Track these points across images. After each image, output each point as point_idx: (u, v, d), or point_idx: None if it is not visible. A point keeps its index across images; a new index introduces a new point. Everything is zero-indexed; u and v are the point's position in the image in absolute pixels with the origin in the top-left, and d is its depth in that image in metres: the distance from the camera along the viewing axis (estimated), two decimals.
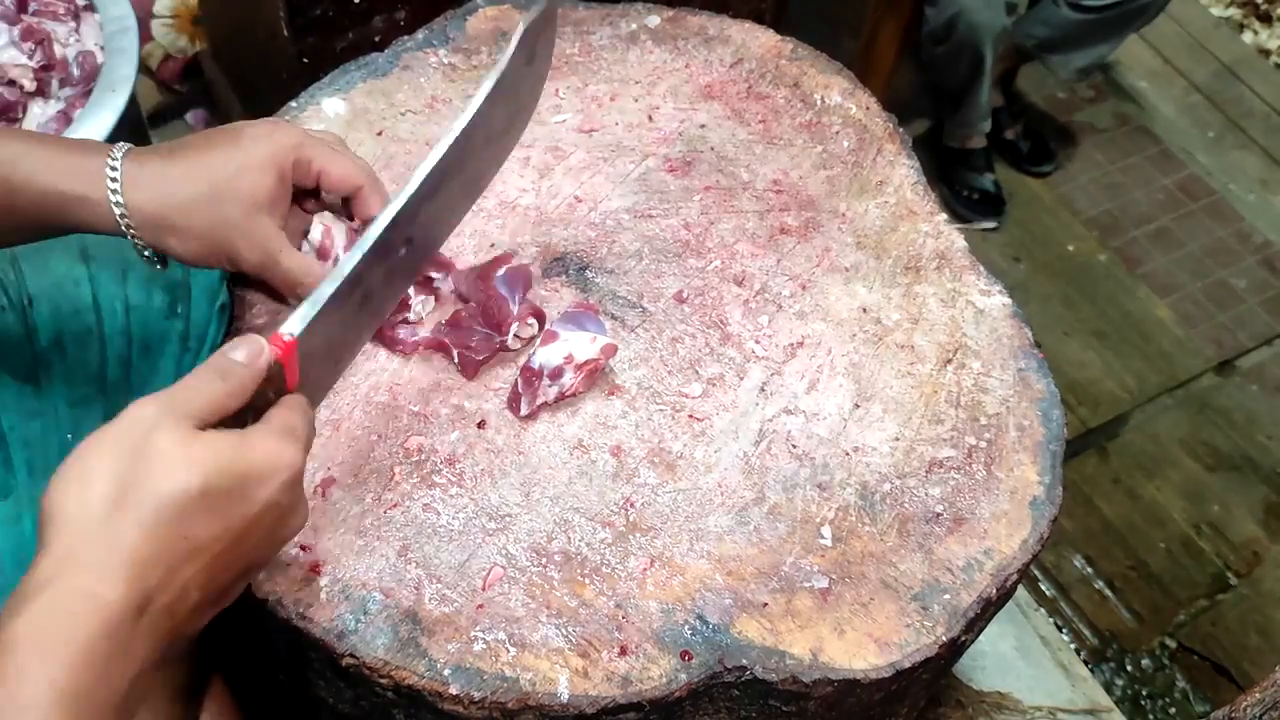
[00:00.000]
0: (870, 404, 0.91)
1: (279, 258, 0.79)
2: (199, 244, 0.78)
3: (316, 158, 0.80)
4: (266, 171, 0.78)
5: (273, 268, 0.80)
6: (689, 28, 1.17)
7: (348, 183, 0.82)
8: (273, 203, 0.79)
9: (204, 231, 0.77)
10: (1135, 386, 2.25)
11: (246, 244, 0.78)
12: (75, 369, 0.90)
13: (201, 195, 0.76)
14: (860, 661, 0.77)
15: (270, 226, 0.79)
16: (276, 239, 0.79)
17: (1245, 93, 2.85)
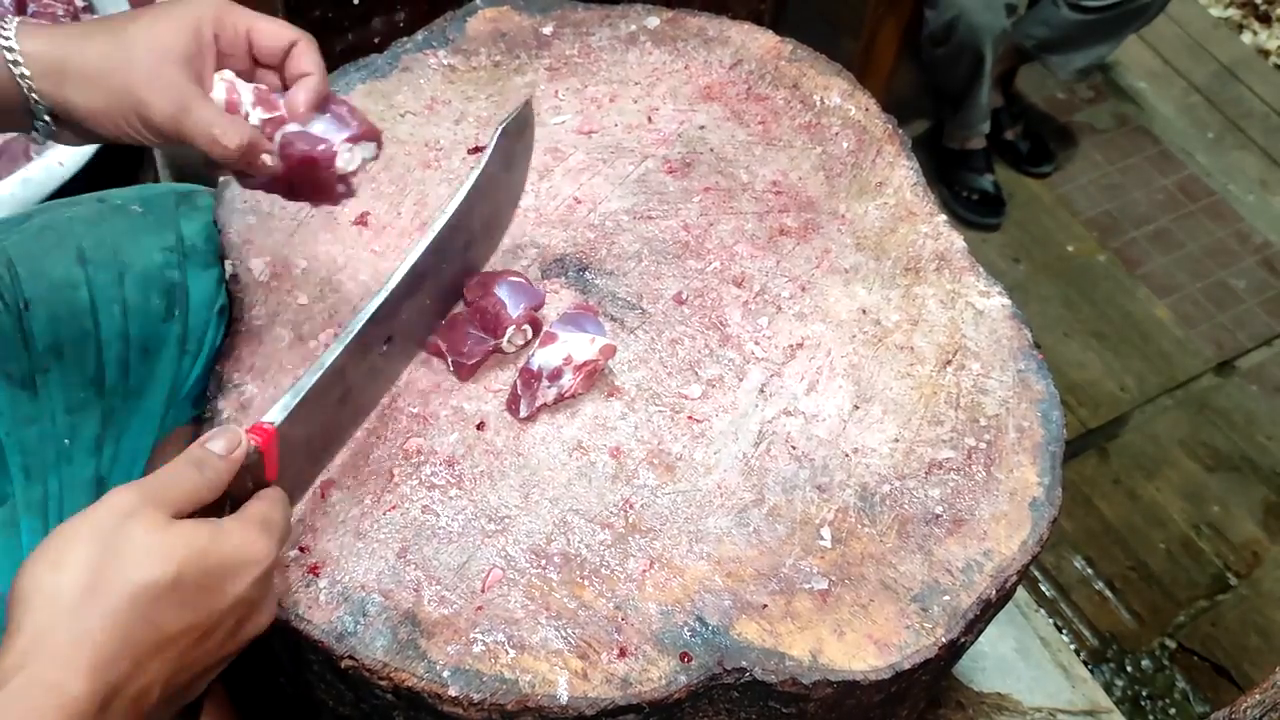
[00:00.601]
0: (870, 405, 0.91)
1: (191, 106, 0.72)
2: (103, 95, 0.70)
3: (242, 17, 0.76)
4: (183, 26, 0.73)
5: (184, 117, 0.72)
6: (688, 29, 1.17)
7: (281, 39, 0.77)
8: (185, 56, 0.73)
9: (107, 78, 0.70)
10: (1135, 387, 2.25)
11: (155, 91, 0.71)
12: (72, 373, 0.90)
13: (105, 39, 0.71)
14: (860, 663, 0.77)
15: (181, 77, 0.72)
16: (189, 89, 0.72)
17: (1244, 93, 2.85)
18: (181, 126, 0.72)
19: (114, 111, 0.72)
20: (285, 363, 0.89)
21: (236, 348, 0.90)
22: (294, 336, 0.91)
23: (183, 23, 0.73)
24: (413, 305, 0.83)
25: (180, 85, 0.72)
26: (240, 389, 0.88)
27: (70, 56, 0.70)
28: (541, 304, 0.91)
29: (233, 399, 0.87)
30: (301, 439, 0.72)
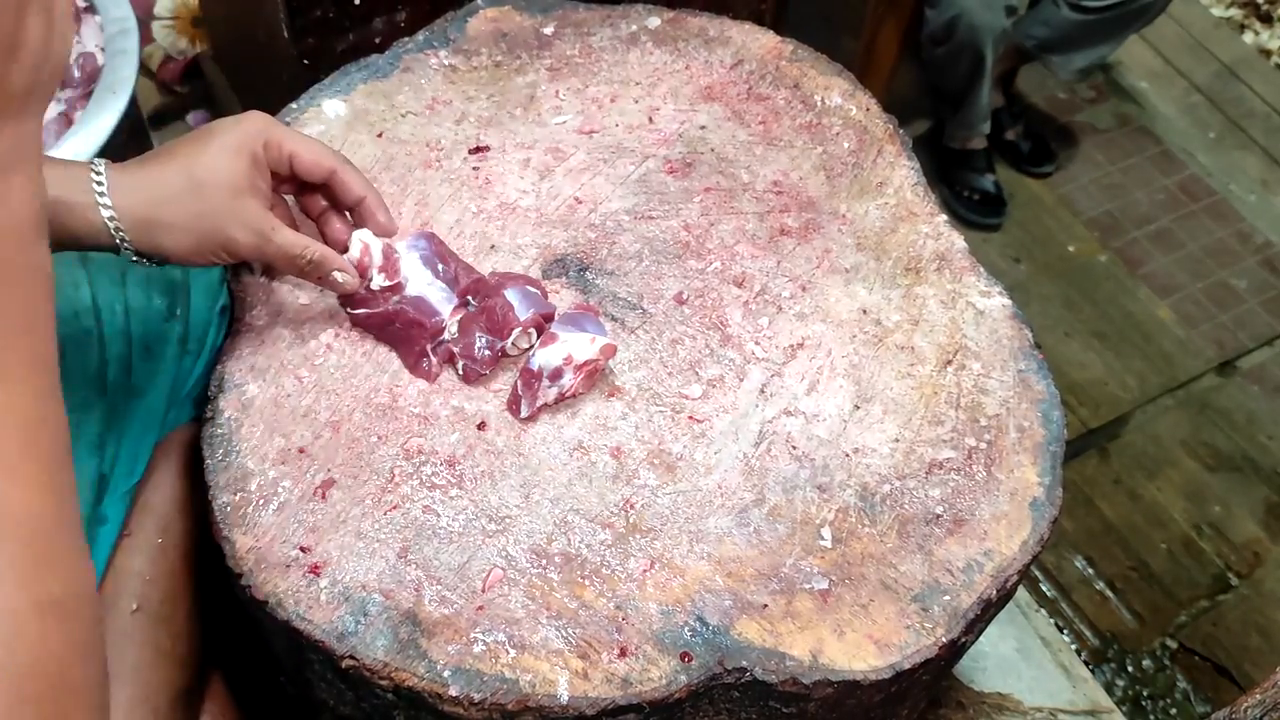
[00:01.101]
0: (870, 405, 0.91)
1: (271, 235, 0.81)
2: (190, 237, 0.79)
3: (285, 140, 0.82)
4: (239, 155, 0.79)
5: (266, 245, 0.81)
6: (689, 29, 1.17)
7: (320, 165, 0.84)
8: (252, 185, 0.80)
9: (192, 223, 0.78)
10: (1136, 387, 2.25)
11: (237, 227, 0.79)
12: (75, 372, 0.90)
13: (183, 189, 0.78)
14: (860, 663, 0.77)
15: (256, 207, 0.80)
16: (265, 218, 0.81)
17: (1246, 93, 2.84)
18: (264, 253, 0.82)
19: (204, 250, 0.80)
20: (286, 362, 0.89)
21: (238, 347, 0.90)
22: (295, 336, 0.91)
23: (241, 153, 0.80)
24: None
25: (257, 217, 0.80)
26: (242, 388, 0.88)
27: (160, 212, 0.78)
28: (553, 316, 0.90)
29: (234, 398, 0.87)
30: None
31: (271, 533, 0.80)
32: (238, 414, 0.87)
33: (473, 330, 0.89)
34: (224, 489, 0.83)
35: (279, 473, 0.83)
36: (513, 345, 0.88)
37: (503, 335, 0.88)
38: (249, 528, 0.80)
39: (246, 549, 0.79)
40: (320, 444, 0.85)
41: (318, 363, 0.90)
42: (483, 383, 0.89)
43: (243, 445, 0.85)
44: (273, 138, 0.82)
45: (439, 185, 1.02)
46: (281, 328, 0.91)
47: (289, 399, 0.87)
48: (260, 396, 0.88)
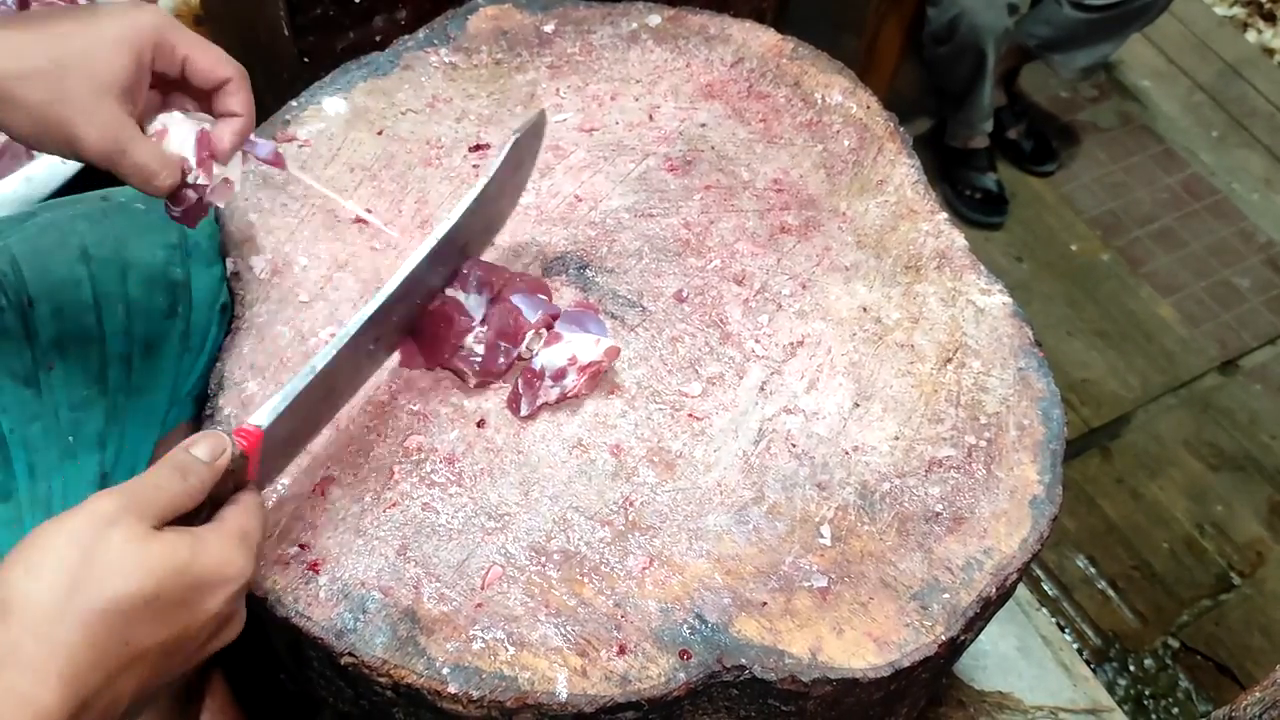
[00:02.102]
0: (870, 403, 0.91)
1: (128, 146, 0.72)
2: (33, 121, 0.70)
3: (181, 42, 0.74)
4: (121, 51, 0.71)
5: (119, 157, 0.72)
6: (690, 27, 1.17)
7: (215, 73, 0.76)
8: (125, 87, 0.71)
9: (40, 107, 0.69)
10: (1138, 386, 2.25)
11: (90, 128, 0.70)
12: (76, 370, 0.90)
13: (41, 67, 0.68)
14: (859, 661, 0.77)
15: (119, 112, 0.71)
16: (125, 126, 0.72)
17: (1249, 92, 2.84)
18: (115, 164, 0.72)
19: (47, 139, 0.71)
20: (287, 360, 0.89)
21: (238, 345, 0.91)
22: (295, 334, 0.91)
23: (122, 47, 0.71)
24: (404, 305, 0.83)
25: (116, 122, 0.71)
26: (242, 386, 0.88)
27: (7, 85, 0.68)
28: (558, 316, 0.90)
29: (234, 396, 0.87)
30: (283, 434, 0.72)
31: (271, 530, 0.80)
32: (238, 411, 0.87)
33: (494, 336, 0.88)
34: None
35: None
36: (526, 349, 0.88)
37: (515, 341, 0.87)
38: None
39: None
40: (319, 442, 0.85)
41: None
42: None
43: None
44: (167, 39, 0.73)
45: (439, 183, 1.02)
46: (281, 326, 0.91)
47: None
48: (260, 394, 0.88)
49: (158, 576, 0.55)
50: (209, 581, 0.58)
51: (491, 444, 0.86)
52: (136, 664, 0.55)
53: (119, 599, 0.53)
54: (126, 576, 0.54)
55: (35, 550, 0.54)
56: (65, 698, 0.51)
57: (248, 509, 0.63)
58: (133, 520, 0.55)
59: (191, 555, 0.57)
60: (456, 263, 0.90)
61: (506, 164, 0.86)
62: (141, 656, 0.55)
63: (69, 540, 0.54)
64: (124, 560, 0.54)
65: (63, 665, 0.51)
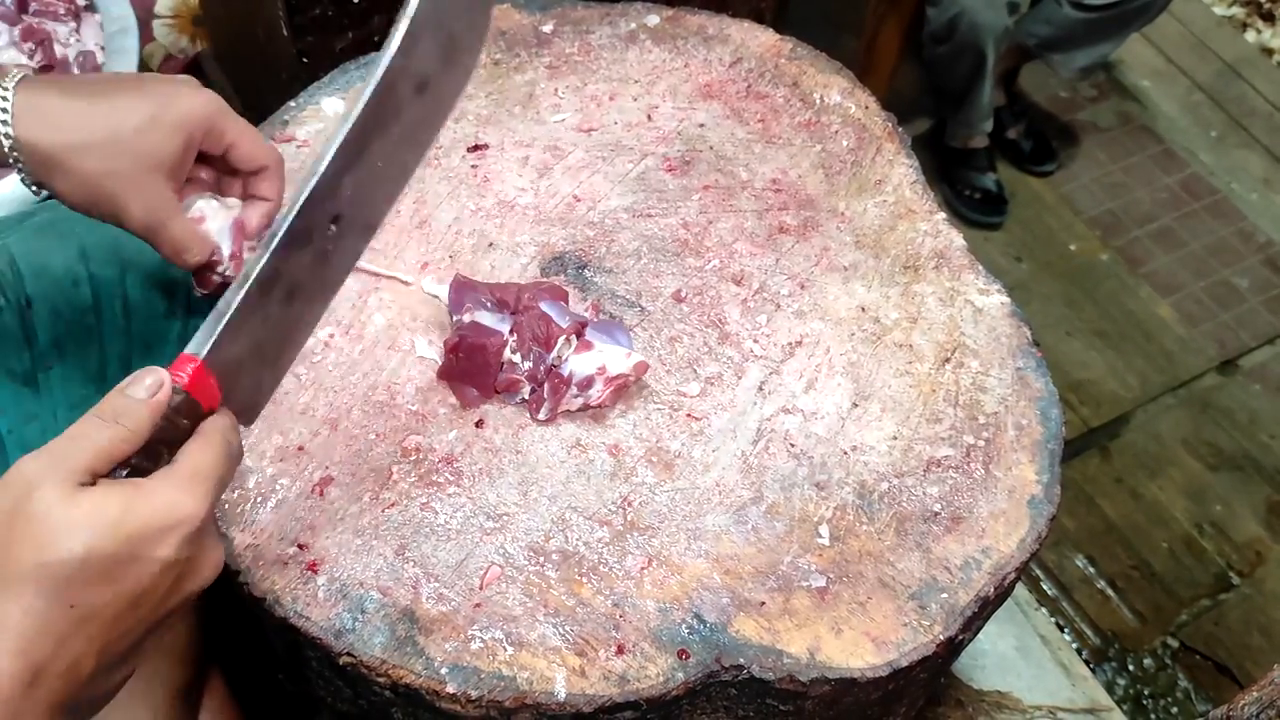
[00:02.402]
0: (868, 403, 0.91)
1: (168, 223, 0.75)
2: (84, 191, 0.73)
3: (231, 130, 0.77)
4: (176, 133, 0.74)
5: (158, 232, 0.75)
6: (688, 27, 1.17)
7: (256, 160, 0.80)
8: (174, 166, 0.75)
9: (93, 179, 0.72)
10: (1137, 386, 2.25)
11: (136, 202, 0.73)
12: (74, 370, 0.90)
13: (99, 141, 0.71)
14: (858, 660, 0.77)
15: (165, 189, 0.74)
16: (169, 203, 0.75)
17: (1248, 92, 2.84)
18: (154, 237, 0.76)
19: (91, 206, 0.74)
20: None
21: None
22: None
23: (178, 130, 0.74)
24: (361, 174, 0.72)
25: (160, 199, 0.74)
26: None
27: (64, 155, 0.71)
28: (586, 323, 0.89)
29: None
30: (246, 353, 0.66)
31: (269, 530, 0.80)
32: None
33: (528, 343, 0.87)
34: None
35: (277, 470, 0.83)
36: (557, 355, 0.87)
37: (548, 348, 0.86)
38: (247, 525, 0.80)
39: (244, 546, 0.79)
40: (318, 442, 0.85)
41: (316, 360, 0.90)
42: None
43: None
44: (218, 126, 0.76)
45: (437, 183, 1.02)
46: None
47: (287, 396, 0.87)
48: None
49: (87, 535, 0.53)
50: (152, 531, 0.55)
51: (490, 444, 0.86)
52: (87, 625, 0.54)
53: (49, 564, 0.52)
54: (54, 540, 0.52)
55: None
56: (16, 665, 0.51)
57: (207, 443, 0.60)
58: (56, 480, 0.54)
59: (123, 508, 0.54)
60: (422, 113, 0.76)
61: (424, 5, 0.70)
62: (91, 617, 0.54)
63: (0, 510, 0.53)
64: (50, 523, 0.52)
65: (8, 635, 0.51)
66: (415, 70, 0.73)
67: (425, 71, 0.74)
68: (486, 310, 0.88)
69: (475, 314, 0.87)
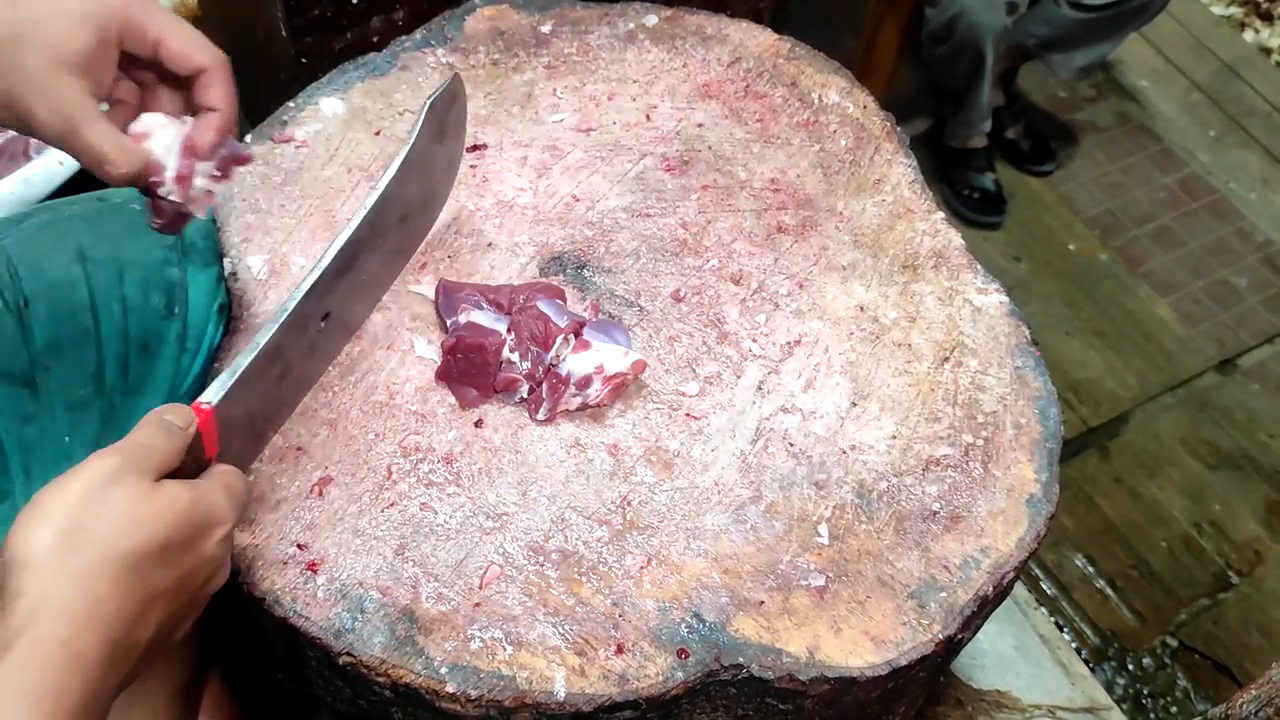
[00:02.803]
0: (867, 402, 0.91)
1: (80, 127, 0.67)
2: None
3: (153, 23, 0.70)
4: (84, 24, 0.67)
5: (71, 137, 0.67)
6: (687, 27, 1.17)
7: (191, 60, 0.72)
8: (86, 63, 0.67)
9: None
10: (1136, 385, 2.25)
11: (43, 104, 0.66)
12: (72, 371, 0.90)
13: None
14: (857, 659, 0.77)
15: (76, 89, 0.67)
16: (82, 105, 0.67)
17: (1246, 91, 2.84)
18: (69, 144, 0.68)
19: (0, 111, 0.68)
20: None
21: (236, 345, 0.91)
22: None
23: (86, 21, 0.67)
24: (350, 281, 0.84)
25: (71, 100, 0.67)
26: None
27: None
28: (584, 323, 0.89)
29: None
30: (242, 417, 0.74)
31: (269, 530, 0.80)
32: None
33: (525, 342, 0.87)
34: None
35: (276, 470, 0.83)
36: (555, 355, 0.87)
37: (546, 346, 0.87)
38: (246, 525, 0.80)
39: (244, 546, 0.79)
40: (317, 442, 0.85)
41: None
42: None
43: None
44: (136, 17, 0.69)
45: None
46: None
47: None
48: None
49: (166, 523, 0.60)
50: (206, 524, 0.63)
51: (489, 444, 0.86)
52: (154, 606, 0.60)
53: (137, 548, 0.58)
54: (140, 528, 0.59)
55: (47, 510, 0.58)
56: (100, 641, 0.56)
57: (229, 471, 0.69)
58: (134, 476, 0.60)
59: (191, 502, 0.62)
60: (402, 241, 0.92)
61: (425, 131, 0.86)
62: (157, 598, 0.60)
63: (79, 498, 0.58)
64: (135, 512, 0.59)
65: (94, 613, 0.56)
66: (401, 203, 0.87)
67: (408, 206, 0.89)
68: (483, 310, 0.88)
69: (472, 314, 0.87)
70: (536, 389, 0.87)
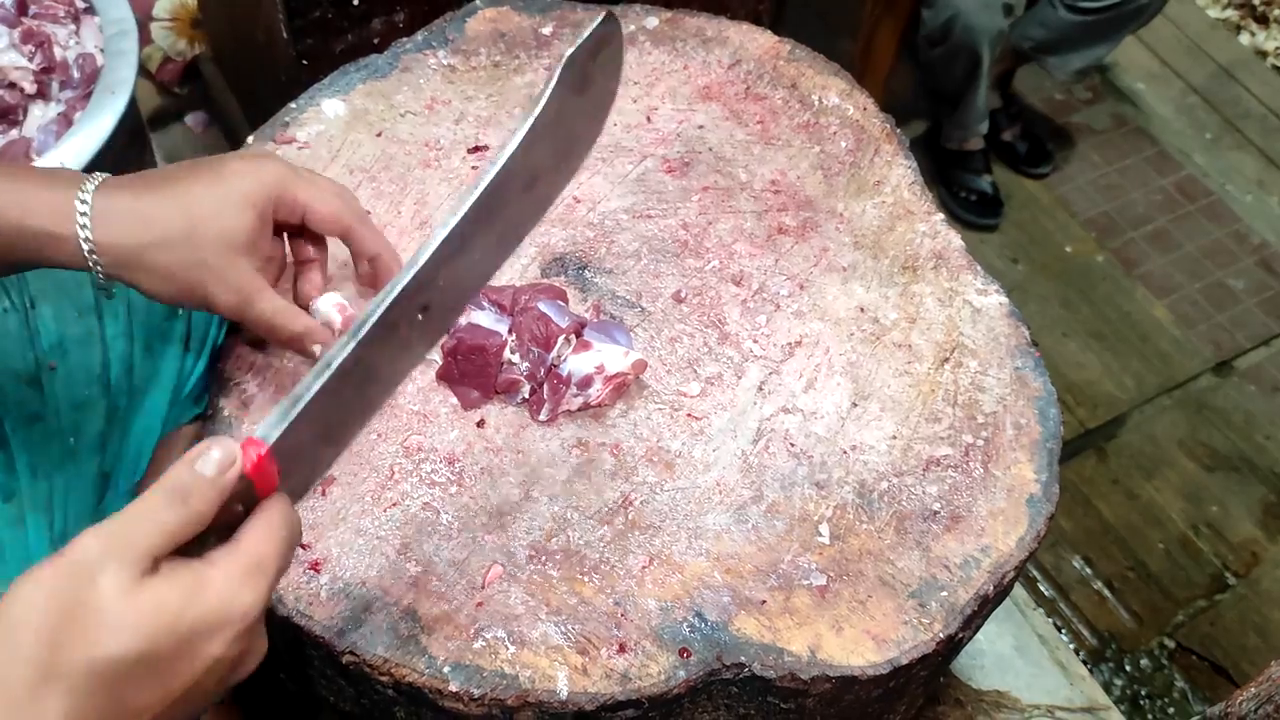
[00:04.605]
0: (868, 403, 0.91)
1: (254, 300, 0.76)
2: (170, 285, 0.73)
3: (300, 194, 0.77)
4: (245, 209, 0.74)
5: (247, 311, 0.76)
6: (687, 29, 1.17)
7: (336, 224, 0.80)
8: (250, 243, 0.75)
9: (176, 272, 0.73)
10: (1133, 387, 2.26)
11: (221, 287, 0.74)
12: (77, 371, 0.90)
13: (176, 234, 0.72)
14: (858, 658, 0.78)
15: (246, 269, 0.75)
16: (252, 282, 0.75)
17: (1242, 94, 2.85)
18: (244, 316, 0.76)
19: (180, 297, 0.75)
20: (286, 361, 0.90)
21: (238, 345, 0.91)
22: None
23: (248, 207, 0.74)
24: (458, 265, 0.70)
25: (245, 278, 0.75)
26: (242, 387, 0.88)
27: (144, 254, 0.72)
28: (585, 323, 0.89)
29: (234, 397, 0.88)
30: (311, 436, 0.62)
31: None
32: (238, 412, 0.87)
33: (526, 343, 0.87)
34: None
35: None
36: (556, 355, 0.87)
37: (547, 347, 0.87)
38: None
39: None
40: None
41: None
42: None
43: None
44: (287, 193, 0.76)
45: (438, 184, 1.02)
46: None
47: None
48: (260, 395, 0.88)
49: (147, 632, 0.50)
50: (208, 627, 0.52)
51: (491, 444, 0.86)
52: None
53: (108, 660, 0.49)
54: (115, 635, 0.49)
55: (13, 609, 0.49)
56: None
57: (270, 531, 0.56)
58: (118, 566, 0.50)
59: (184, 603, 0.51)
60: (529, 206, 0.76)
61: (559, 90, 0.71)
62: (141, 712, 0.51)
63: (49, 596, 0.49)
64: (110, 617, 0.49)
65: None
66: (528, 167, 0.72)
67: (536, 169, 0.74)
68: (484, 310, 0.88)
69: (473, 315, 0.87)
70: (538, 389, 0.87)
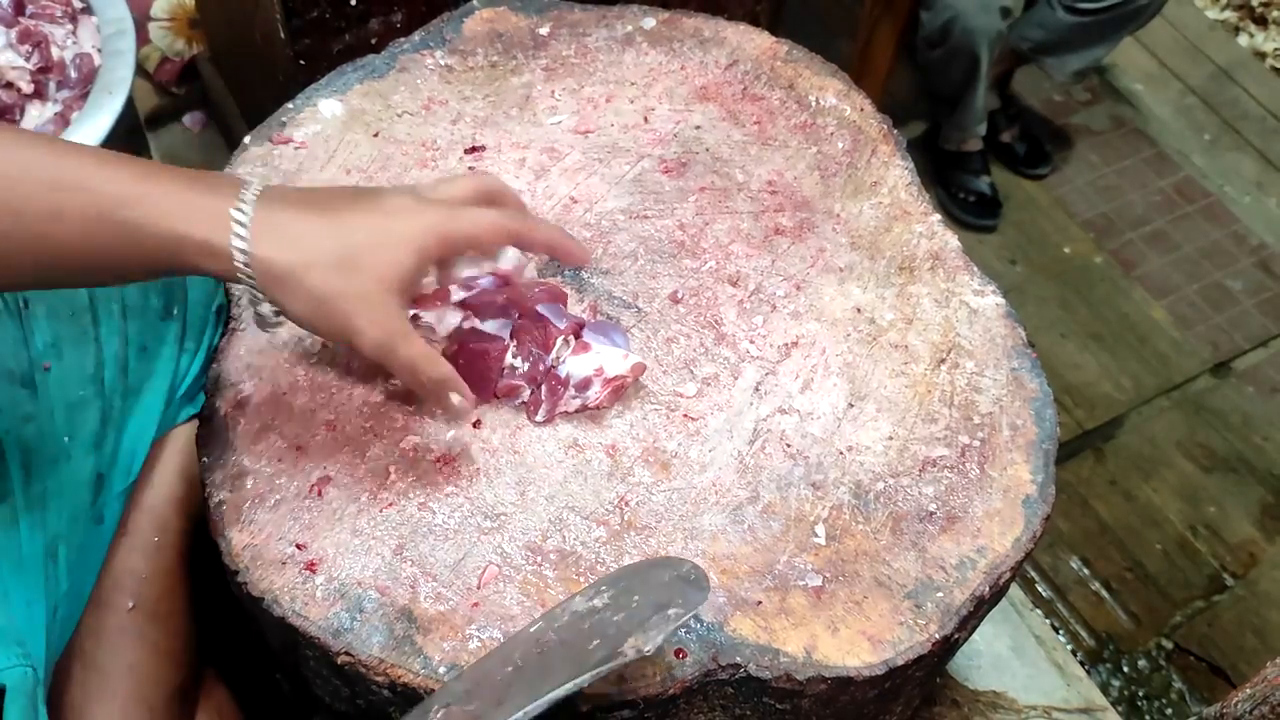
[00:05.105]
0: (864, 403, 0.91)
1: (400, 343, 0.73)
2: (315, 310, 0.71)
3: (464, 233, 0.76)
4: (408, 248, 0.72)
5: (391, 352, 0.73)
6: (684, 29, 1.17)
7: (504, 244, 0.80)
8: (406, 284, 0.73)
9: (327, 298, 0.70)
10: (1131, 388, 2.26)
11: (367, 322, 0.71)
12: (72, 371, 0.90)
13: (334, 261, 0.70)
14: (854, 659, 0.78)
15: (395, 308, 0.73)
16: (400, 321, 0.74)
17: (1241, 95, 2.85)
18: (385, 356, 0.74)
19: (319, 326, 0.73)
20: (283, 361, 0.90)
21: (234, 346, 0.91)
22: (292, 335, 0.91)
23: (410, 244, 0.72)
24: None
25: (391, 318, 0.73)
26: (238, 387, 0.88)
27: (297, 275, 0.70)
28: (584, 324, 0.89)
29: (230, 397, 0.88)
30: None
31: (267, 530, 0.80)
32: (234, 412, 0.87)
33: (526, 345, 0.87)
34: (220, 487, 0.83)
35: (275, 470, 0.84)
36: (555, 357, 0.87)
37: (546, 349, 0.86)
38: (245, 525, 0.81)
39: (242, 546, 0.80)
40: (316, 442, 0.85)
41: (314, 361, 0.90)
42: None
43: (239, 444, 0.85)
44: (448, 235, 0.74)
45: None
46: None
47: (285, 397, 0.88)
48: (257, 395, 0.88)
49: None
50: None
51: (487, 444, 0.86)
52: None
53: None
54: None
55: None
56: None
57: None
58: None
59: None
60: None
61: None
62: None
63: None
64: None
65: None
66: None
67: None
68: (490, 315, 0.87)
69: (472, 320, 0.87)
70: (536, 391, 0.87)
